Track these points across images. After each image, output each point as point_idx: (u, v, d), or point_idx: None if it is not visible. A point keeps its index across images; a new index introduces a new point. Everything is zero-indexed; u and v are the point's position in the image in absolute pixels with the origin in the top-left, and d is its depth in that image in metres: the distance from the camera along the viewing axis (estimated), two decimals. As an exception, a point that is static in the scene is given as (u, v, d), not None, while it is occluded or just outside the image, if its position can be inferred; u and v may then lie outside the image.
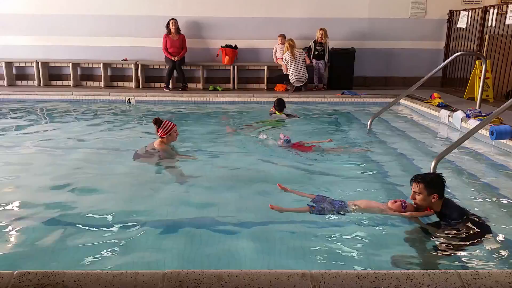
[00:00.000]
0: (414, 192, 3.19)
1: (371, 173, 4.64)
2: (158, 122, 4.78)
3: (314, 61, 9.34)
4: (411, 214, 3.20)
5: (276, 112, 6.94)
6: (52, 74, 9.83)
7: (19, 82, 9.78)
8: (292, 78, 8.99)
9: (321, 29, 9.21)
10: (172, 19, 9.16)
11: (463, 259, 2.77)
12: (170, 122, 4.81)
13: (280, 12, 9.69)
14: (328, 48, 9.36)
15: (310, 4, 9.68)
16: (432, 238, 3.02)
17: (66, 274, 1.98)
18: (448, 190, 3.43)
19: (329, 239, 3.08)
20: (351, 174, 4.54)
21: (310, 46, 9.38)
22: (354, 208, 3.37)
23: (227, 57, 9.41)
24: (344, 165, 4.83)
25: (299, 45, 9.31)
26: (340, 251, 2.91)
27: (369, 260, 2.81)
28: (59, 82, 9.80)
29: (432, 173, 3.34)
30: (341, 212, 3.33)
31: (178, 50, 9.24)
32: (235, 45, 9.53)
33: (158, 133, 4.79)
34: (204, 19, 9.73)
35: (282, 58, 9.20)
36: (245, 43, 9.70)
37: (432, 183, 3.15)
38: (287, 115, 7.02)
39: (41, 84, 9.55)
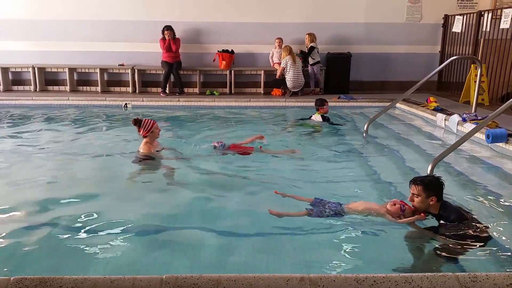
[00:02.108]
0: (413, 194, 3.20)
1: (367, 176, 4.64)
2: (138, 122, 4.77)
3: (309, 67, 9.39)
4: (404, 221, 3.19)
5: (317, 113, 6.87)
6: (48, 79, 9.81)
7: (15, 88, 9.75)
8: (289, 83, 9.01)
9: (307, 34, 9.31)
10: (167, 30, 9.13)
11: (461, 261, 2.77)
12: (150, 120, 4.82)
13: (277, 17, 9.74)
14: (317, 50, 9.35)
15: (306, 9, 9.73)
16: (430, 241, 3.02)
17: (64, 280, 1.98)
18: (445, 192, 3.43)
19: (327, 242, 3.08)
20: (347, 177, 4.55)
21: (305, 52, 9.42)
22: (352, 210, 3.37)
23: (223, 62, 9.44)
24: (340, 168, 4.84)
25: (295, 50, 9.35)
26: (338, 255, 2.91)
27: (368, 263, 2.81)
28: (56, 88, 9.79)
29: (431, 176, 3.35)
30: (339, 215, 3.33)
31: (175, 54, 9.25)
32: (232, 50, 9.55)
33: (140, 133, 4.78)
34: (201, 24, 9.76)
35: (279, 63, 9.24)
36: (241, 48, 9.73)
37: (431, 185, 3.16)
38: (325, 118, 6.86)
39: (37, 90, 9.53)
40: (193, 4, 9.65)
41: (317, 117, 6.92)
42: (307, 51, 9.35)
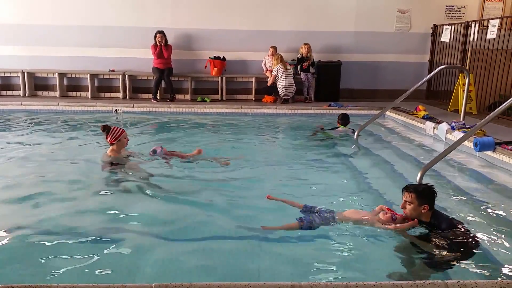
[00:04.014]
0: (405, 201, 3.21)
1: (356, 183, 4.66)
2: (106, 129, 4.75)
3: (302, 74, 9.45)
4: (395, 227, 3.21)
5: (340, 126, 6.85)
6: (38, 85, 9.73)
7: (4, 92, 9.65)
8: (281, 90, 9.06)
9: (305, 44, 9.35)
10: (159, 33, 9.14)
11: (450, 269, 2.79)
12: (118, 128, 4.80)
13: (268, 25, 9.80)
14: (314, 61, 9.50)
15: (297, 18, 9.82)
16: (421, 249, 3.04)
17: (52, 288, 1.95)
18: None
19: (318, 250, 3.09)
20: (336, 185, 4.56)
21: (298, 58, 9.48)
22: (343, 219, 3.38)
23: (215, 69, 9.46)
24: (329, 176, 4.86)
25: (287, 57, 9.42)
26: (328, 262, 2.91)
27: (358, 271, 2.82)
28: (45, 93, 9.71)
29: (425, 184, 3.37)
30: (330, 223, 3.34)
31: (166, 61, 9.25)
32: (223, 57, 9.58)
33: (108, 140, 4.76)
34: (193, 31, 9.78)
35: (271, 70, 9.28)
36: (233, 55, 9.77)
37: (424, 194, 3.18)
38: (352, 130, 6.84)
39: (26, 95, 9.44)
40: (185, 11, 9.67)
41: (345, 129, 6.83)
42: (311, 62, 9.42)
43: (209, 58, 9.54)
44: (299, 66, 9.45)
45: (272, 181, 4.62)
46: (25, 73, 9.39)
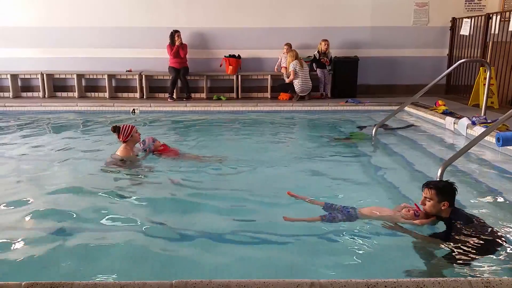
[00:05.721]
0: (425, 197, 3.18)
1: (376, 180, 4.61)
2: (116, 129, 4.83)
3: (318, 70, 9.39)
4: (421, 222, 3.18)
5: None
6: (57, 86, 9.91)
7: (24, 94, 9.87)
8: (297, 87, 9.02)
9: (324, 40, 9.29)
10: (177, 31, 9.21)
11: (473, 267, 2.73)
12: (128, 125, 4.88)
13: (283, 21, 9.76)
14: (331, 58, 9.45)
15: (312, 14, 9.75)
16: (442, 246, 2.99)
17: (74, 285, 1.98)
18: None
19: (338, 247, 3.06)
20: (356, 181, 4.51)
21: (314, 56, 9.43)
22: (365, 215, 3.35)
23: (230, 67, 9.47)
24: (348, 173, 4.81)
25: (302, 54, 9.37)
26: (349, 260, 2.88)
27: (379, 268, 2.78)
28: (64, 94, 9.88)
29: (445, 181, 3.32)
30: (352, 220, 3.31)
31: (182, 60, 9.30)
32: (239, 55, 9.59)
33: (120, 139, 4.83)
34: (208, 30, 9.81)
35: (285, 67, 9.25)
36: (248, 52, 9.76)
37: (444, 190, 3.14)
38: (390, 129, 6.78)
39: (46, 96, 9.62)
40: (199, 10, 9.71)
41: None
42: (330, 59, 9.41)
43: (224, 56, 9.56)
44: (314, 64, 9.39)
45: (290, 177, 4.60)
46: (44, 75, 9.57)
